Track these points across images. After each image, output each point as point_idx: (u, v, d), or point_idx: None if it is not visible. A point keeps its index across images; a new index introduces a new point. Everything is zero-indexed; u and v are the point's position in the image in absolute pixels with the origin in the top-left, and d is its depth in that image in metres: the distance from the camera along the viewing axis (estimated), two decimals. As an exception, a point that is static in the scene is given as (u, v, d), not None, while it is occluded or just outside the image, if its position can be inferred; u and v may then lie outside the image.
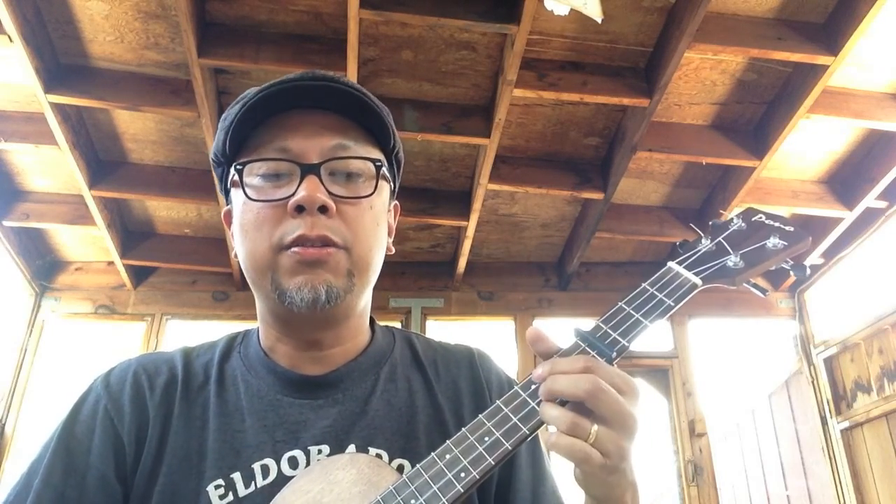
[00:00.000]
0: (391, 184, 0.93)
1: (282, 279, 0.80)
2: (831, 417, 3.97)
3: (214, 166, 0.90)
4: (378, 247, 0.87)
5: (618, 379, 0.68)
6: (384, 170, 0.87)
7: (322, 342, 0.86)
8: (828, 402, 4.01)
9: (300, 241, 0.79)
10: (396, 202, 0.97)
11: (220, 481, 0.77)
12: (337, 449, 0.80)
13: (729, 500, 5.09)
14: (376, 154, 0.87)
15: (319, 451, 0.80)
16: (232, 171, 0.84)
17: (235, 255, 0.88)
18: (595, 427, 0.65)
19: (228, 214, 0.90)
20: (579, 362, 0.68)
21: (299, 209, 0.79)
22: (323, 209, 0.79)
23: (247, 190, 0.82)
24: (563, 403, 0.67)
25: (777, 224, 0.82)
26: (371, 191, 0.84)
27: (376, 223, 0.86)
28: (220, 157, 0.87)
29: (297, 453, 0.79)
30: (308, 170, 0.80)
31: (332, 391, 0.85)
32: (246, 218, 0.83)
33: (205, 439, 0.81)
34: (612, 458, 0.65)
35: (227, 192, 0.89)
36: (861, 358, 3.81)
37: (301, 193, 0.79)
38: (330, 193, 0.80)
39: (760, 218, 0.84)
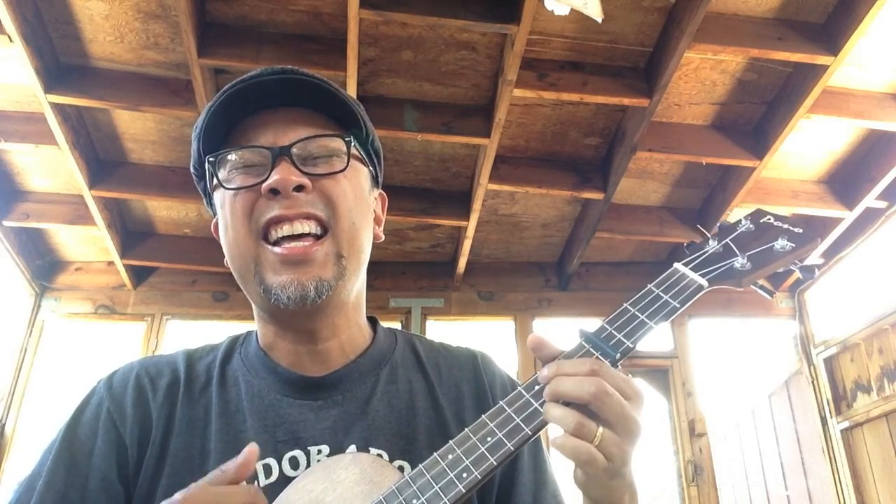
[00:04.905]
0: (370, 168, 0.92)
1: (265, 275, 0.80)
2: (831, 417, 3.97)
3: (196, 180, 0.90)
4: (363, 222, 0.86)
5: (623, 383, 0.68)
6: (356, 147, 0.86)
7: (318, 334, 0.86)
8: (828, 402, 4.01)
9: (277, 220, 0.79)
10: (382, 192, 0.96)
11: None
12: (337, 449, 0.80)
13: (729, 500, 5.09)
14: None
15: (319, 452, 0.80)
16: (206, 167, 0.85)
17: (227, 263, 0.88)
18: (600, 429, 0.65)
19: (217, 226, 0.91)
20: (585, 365, 0.68)
21: (273, 192, 0.79)
22: (299, 188, 0.79)
23: (220, 177, 0.82)
24: (566, 405, 0.67)
25: (786, 226, 0.82)
26: (344, 166, 0.84)
27: (357, 199, 0.85)
28: (198, 166, 0.87)
29: (298, 453, 0.80)
30: (279, 153, 0.80)
31: (332, 392, 0.85)
32: (226, 212, 0.83)
33: (207, 440, 0.81)
34: (615, 461, 0.66)
35: (211, 204, 0.90)
36: (861, 358, 3.81)
37: (274, 177, 0.78)
38: (304, 174, 0.80)
39: (769, 220, 0.84)
